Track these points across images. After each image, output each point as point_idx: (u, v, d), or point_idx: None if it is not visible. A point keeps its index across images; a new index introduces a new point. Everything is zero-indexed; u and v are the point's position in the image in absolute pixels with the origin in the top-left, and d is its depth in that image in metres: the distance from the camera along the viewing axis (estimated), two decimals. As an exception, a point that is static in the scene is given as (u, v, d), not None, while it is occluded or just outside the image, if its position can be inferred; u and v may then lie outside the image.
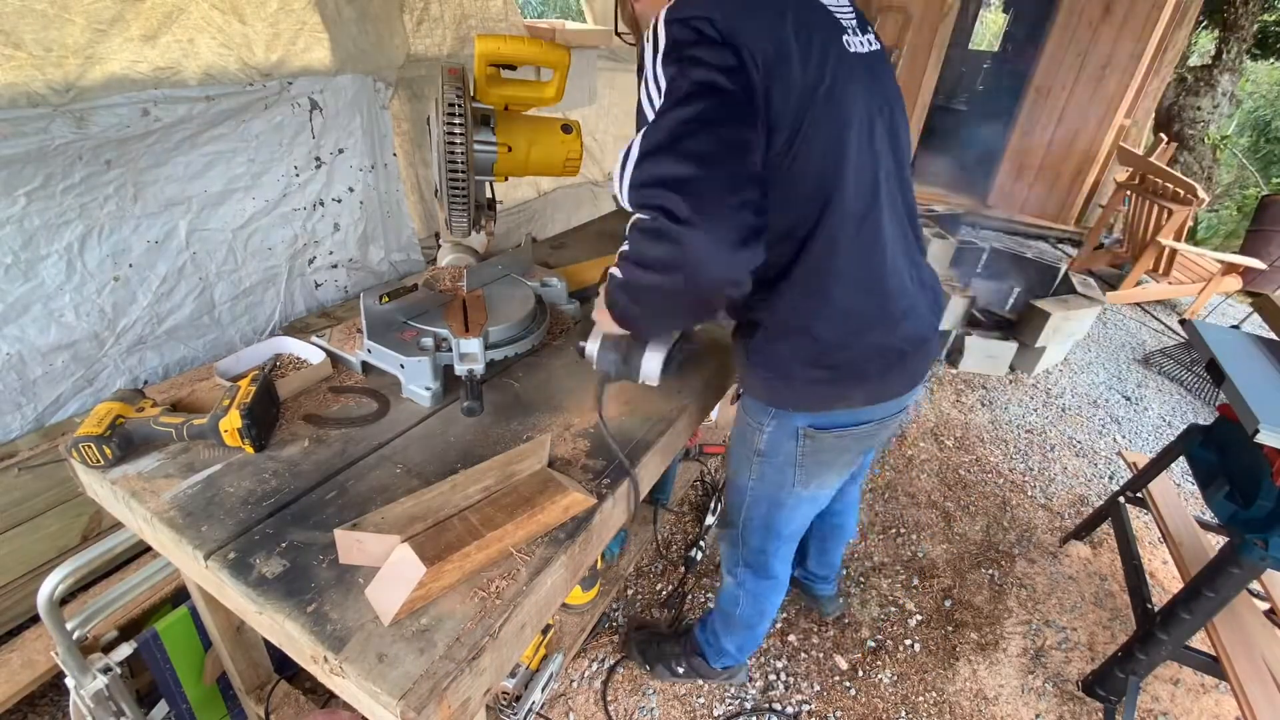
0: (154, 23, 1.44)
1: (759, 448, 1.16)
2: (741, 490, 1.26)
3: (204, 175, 1.62)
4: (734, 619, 1.50)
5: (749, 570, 1.40)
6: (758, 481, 1.21)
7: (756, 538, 1.32)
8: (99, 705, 1.07)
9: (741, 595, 1.44)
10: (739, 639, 1.55)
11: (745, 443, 1.19)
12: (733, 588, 1.46)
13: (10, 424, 1.43)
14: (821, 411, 1.07)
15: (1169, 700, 1.82)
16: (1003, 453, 2.79)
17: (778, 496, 1.22)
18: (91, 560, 0.97)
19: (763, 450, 1.16)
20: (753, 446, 1.17)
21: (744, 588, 1.43)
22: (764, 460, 1.17)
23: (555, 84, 1.25)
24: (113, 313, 1.53)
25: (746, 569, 1.40)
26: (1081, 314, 3.23)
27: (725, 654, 1.60)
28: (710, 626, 1.59)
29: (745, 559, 1.38)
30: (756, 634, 1.56)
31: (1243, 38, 5.90)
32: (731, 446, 1.28)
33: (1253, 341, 1.72)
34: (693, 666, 1.65)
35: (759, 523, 1.29)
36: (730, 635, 1.55)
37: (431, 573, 0.70)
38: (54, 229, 1.39)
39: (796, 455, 1.13)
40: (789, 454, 1.13)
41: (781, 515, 1.26)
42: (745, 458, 1.20)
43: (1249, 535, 1.39)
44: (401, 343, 1.08)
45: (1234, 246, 5.05)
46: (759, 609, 1.47)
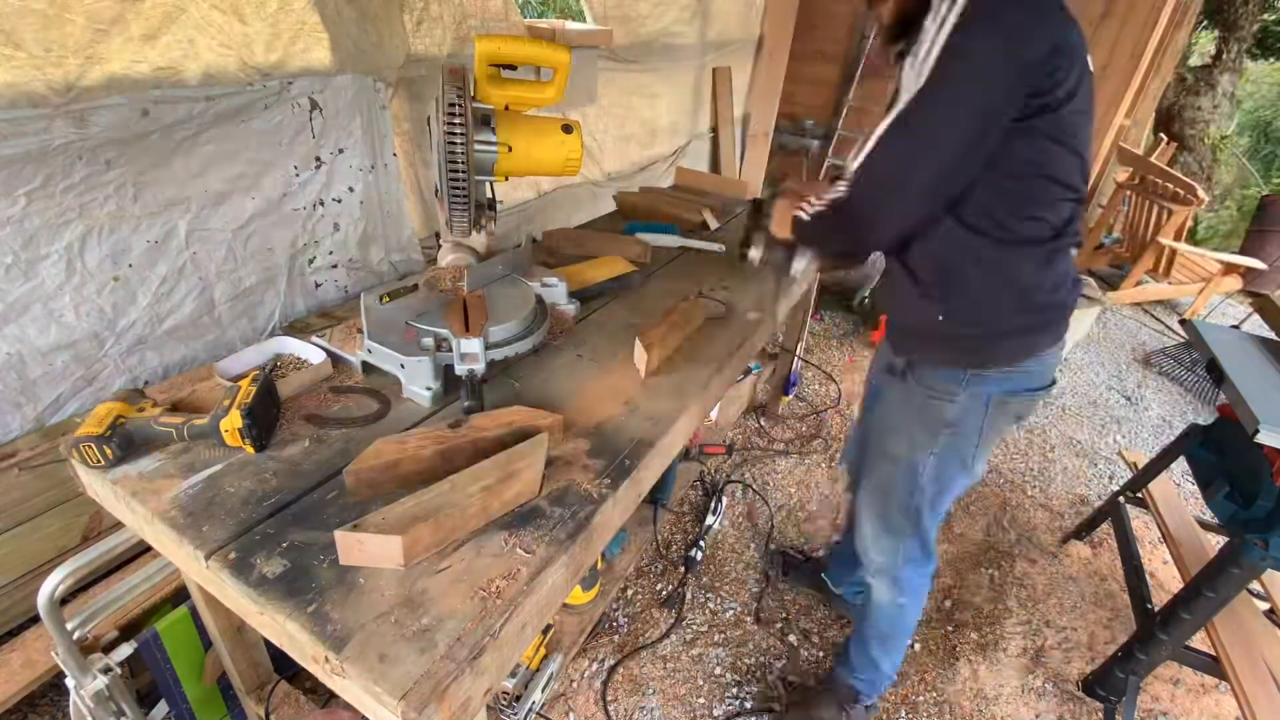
0: (154, 23, 1.44)
1: (947, 418, 1.14)
2: (913, 472, 1.20)
3: (204, 175, 1.62)
4: (894, 633, 1.42)
5: (911, 565, 1.32)
6: (937, 459, 1.18)
7: (926, 521, 1.26)
8: (99, 705, 1.07)
9: (906, 601, 1.36)
10: (896, 654, 1.47)
11: (926, 418, 1.16)
12: (893, 599, 1.36)
13: (10, 424, 1.43)
14: (1014, 366, 1.09)
15: (1169, 700, 1.82)
16: (1003, 453, 2.79)
17: (953, 474, 1.19)
18: (92, 560, 0.97)
19: (951, 421, 1.14)
20: (939, 419, 1.15)
21: (908, 589, 1.35)
22: (952, 433, 1.15)
23: (555, 84, 1.25)
24: (112, 313, 1.53)
25: (909, 566, 1.32)
26: (1081, 314, 3.23)
27: (879, 683, 1.52)
28: (863, 659, 1.49)
29: (910, 554, 1.30)
30: (908, 638, 1.48)
31: (1243, 38, 5.90)
32: (899, 431, 1.22)
33: (1253, 341, 1.72)
34: (852, 717, 1.53)
35: (929, 504, 1.24)
36: (889, 654, 1.46)
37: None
38: (54, 229, 1.39)
39: (983, 425, 1.14)
40: (976, 425, 1.13)
41: (947, 496, 1.24)
42: (925, 433, 1.17)
43: (1249, 535, 1.39)
44: (402, 343, 1.08)
45: (1234, 246, 5.05)
46: (918, 604, 1.40)
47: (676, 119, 3.95)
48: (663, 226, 1.89)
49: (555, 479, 0.93)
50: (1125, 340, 3.97)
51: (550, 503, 0.89)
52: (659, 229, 1.88)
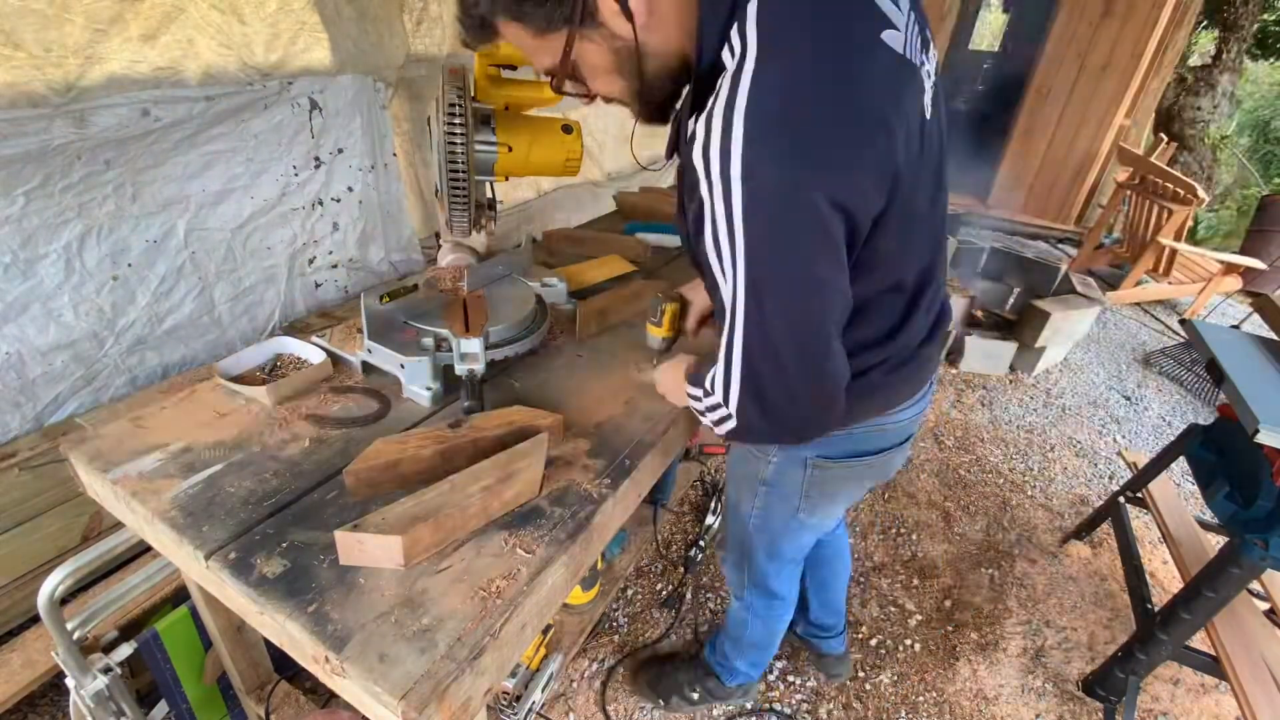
0: (153, 23, 1.44)
1: (764, 477, 1.13)
2: (744, 519, 1.22)
3: (202, 175, 1.63)
4: (743, 640, 1.48)
5: (756, 591, 1.37)
6: (762, 511, 1.19)
7: (761, 562, 1.30)
8: (99, 705, 1.07)
9: (750, 618, 1.43)
10: (750, 657, 1.54)
11: (749, 472, 1.16)
12: (740, 610, 1.44)
13: (10, 424, 1.43)
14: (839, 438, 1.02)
15: (1169, 700, 1.82)
16: (1003, 453, 2.79)
17: (783, 525, 1.20)
18: (92, 560, 0.97)
19: (769, 480, 1.13)
20: (757, 476, 1.14)
21: (752, 610, 1.41)
22: (769, 490, 1.14)
23: (556, 84, 1.24)
24: (112, 312, 1.54)
25: (754, 590, 1.38)
26: (1081, 314, 3.23)
27: (738, 672, 1.58)
28: (720, 648, 1.57)
29: (752, 581, 1.36)
30: (768, 653, 1.55)
31: (1243, 38, 5.90)
32: (731, 475, 1.25)
33: (1253, 341, 1.72)
34: (708, 690, 1.62)
35: (763, 549, 1.27)
36: (741, 656, 1.53)
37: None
38: (53, 228, 1.39)
39: (804, 486, 1.10)
40: (796, 484, 1.10)
41: (785, 542, 1.25)
42: (749, 487, 1.17)
43: (1249, 535, 1.39)
44: (402, 343, 1.08)
45: (1234, 246, 5.05)
46: (769, 630, 1.46)
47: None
48: (663, 226, 1.89)
49: (555, 479, 0.93)
50: (1125, 340, 3.97)
51: (550, 503, 0.89)
52: (659, 229, 1.88)
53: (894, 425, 1.03)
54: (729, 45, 0.66)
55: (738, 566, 1.36)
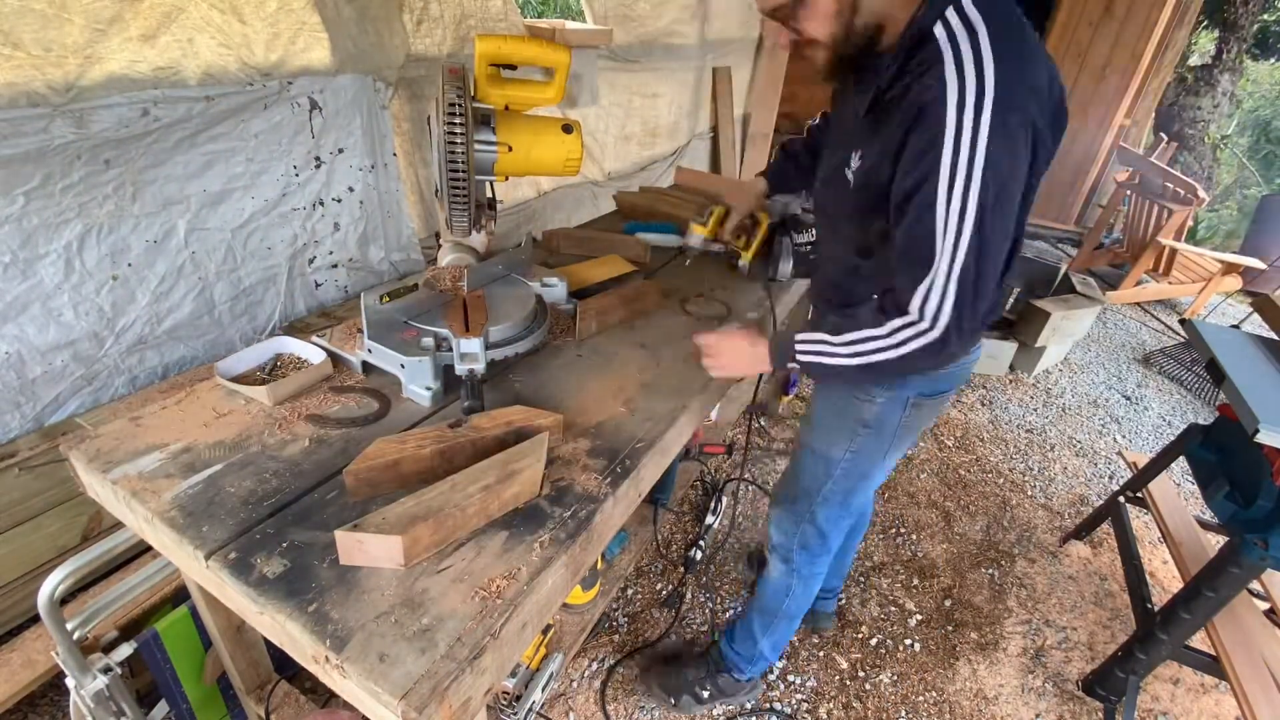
0: (153, 22, 1.44)
1: (865, 419, 1.18)
2: (831, 464, 1.25)
3: (203, 175, 1.62)
4: (779, 613, 1.48)
5: (806, 552, 1.39)
6: (855, 455, 1.23)
7: (831, 512, 1.33)
8: (99, 705, 1.07)
9: (795, 582, 1.43)
10: (777, 635, 1.53)
11: (846, 416, 1.20)
12: (783, 577, 1.44)
13: (10, 424, 1.43)
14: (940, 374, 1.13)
15: (1169, 700, 1.82)
16: (1003, 452, 2.79)
17: (867, 469, 1.25)
18: (92, 560, 0.97)
19: (869, 422, 1.18)
20: (858, 419, 1.18)
21: (798, 573, 1.42)
22: (868, 433, 1.19)
23: (556, 84, 1.25)
24: (112, 312, 1.53)
25: (803, 551, 1.39)
26: (1081, 314, 3.23)
27: (756, 660, 1.57)
28: (744, 633, 1.57)
29: (805, 540, 1.37)
30: (793, 627, 1.55)
31: (1243, 38, 5.90)
32: (821, 423, 1.27)
33: (1253, 341, 1.72)
34: (719, 687, 1.61)
35: (839, 497, 1.30)
36: (769, 633, 1.52)
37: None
38: (53, 228, 1.39)
39: (899, 424, 1.17)
40: (894, 424, 1.17)
41: (863, 488, 1.29)
42: (844, 431, 1.21)
43: (1249, 535, 1.39)
44: (402, 342, 1.08)
45: (1234, 246, 5.06)
46: (808, 593, 1.47)
47: (677, 119, 3.95)
48: (663, 226, 1.89)
49: (555, 479, 0.93)
50: (1125, 340, 3.97)
51: (550, 503, 0.89)
52: (659, 229, 1.87)
53: (962, 368, 1.17)
54: (944, 22, 0.84)
55: (796, 521, 1.37)
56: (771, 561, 1.47)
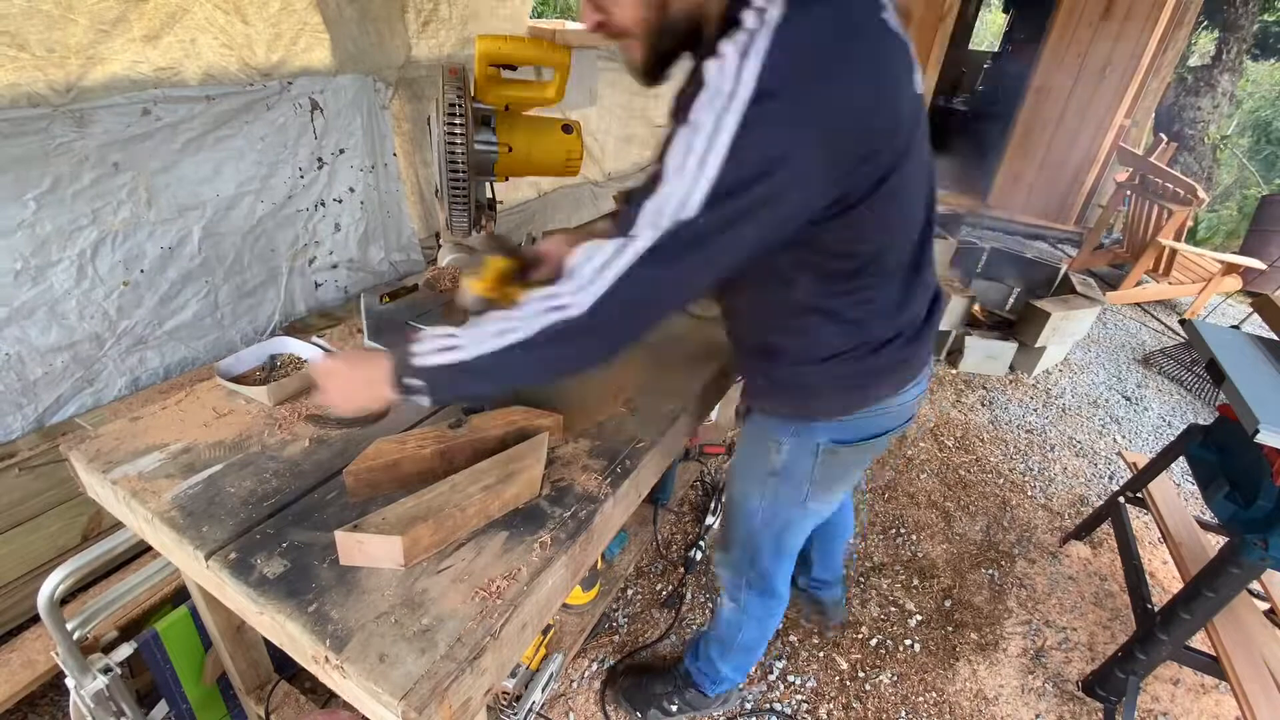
0: (157, 23, 1.44)
1: (774, 467, 1.12)
2: (752, 514, 1.21)
3: (215, 178, 1.63)
4: (734, 644, 1.46)
5: (753, 592, 1.36)
6: (771, 503, 1.18)
7: (765, 560, 1.29)
8: (99, 705, 1.07)
9: (745, 620, 1.40)
10: (737, 661, 1.51)
11: (758, 463, 1.15)
12: (734, 613, 1.41)
13: (11, 424, 1.43)
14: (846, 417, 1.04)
15: (1169, 700, 1.82)
16: (1003, 453, 2.79)
17: (789, 516, 1.20)
18: (92, 560, 0.97)
19: (777, 470, 1.12)
20: (766, 468, 1.13)
21: (747, 612, 1.39)
22: (779, 480, 1.14)
23: (556, 84, 1.25)
24: (116, 315, 1.54)
25: (750, 591, 1.36)
26: (1081, 314, 3.23)
27: (722, 680, 1.54)
28: (705, 654, 1.53)
29: (750, 582, 1.34)
30: (755, 656, 1.53)
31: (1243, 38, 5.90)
32: (738, 470, 1.24)
33: (1253, 341, 1.72)
34: (687, 701, 1.58)
35: (769, 544, 1.26)
36: (727, 660, 1.50)
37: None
38: (66, 235, 1.39)
39: (813, 472, 1.10)
40: (805, 471, 1.10)
41: (790, 534, 1.24)
42: (755, 481, 1.17)
43: (1249, 535, 1.39)
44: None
45: (1234, 246, 5.06)
46: (762, 631, 1.44)
47: (677, 119, 3.94)
48: (663, 227, 1.89)
49: (555, 479, 0.93)
50: (1125, 340, 3.97)
51: (550, 503, 0.89)
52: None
53: (898, 407, 1.06)
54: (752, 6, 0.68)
55: (737, 568, 1.34)
56: (722, 598, 1.44)
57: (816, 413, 1.05)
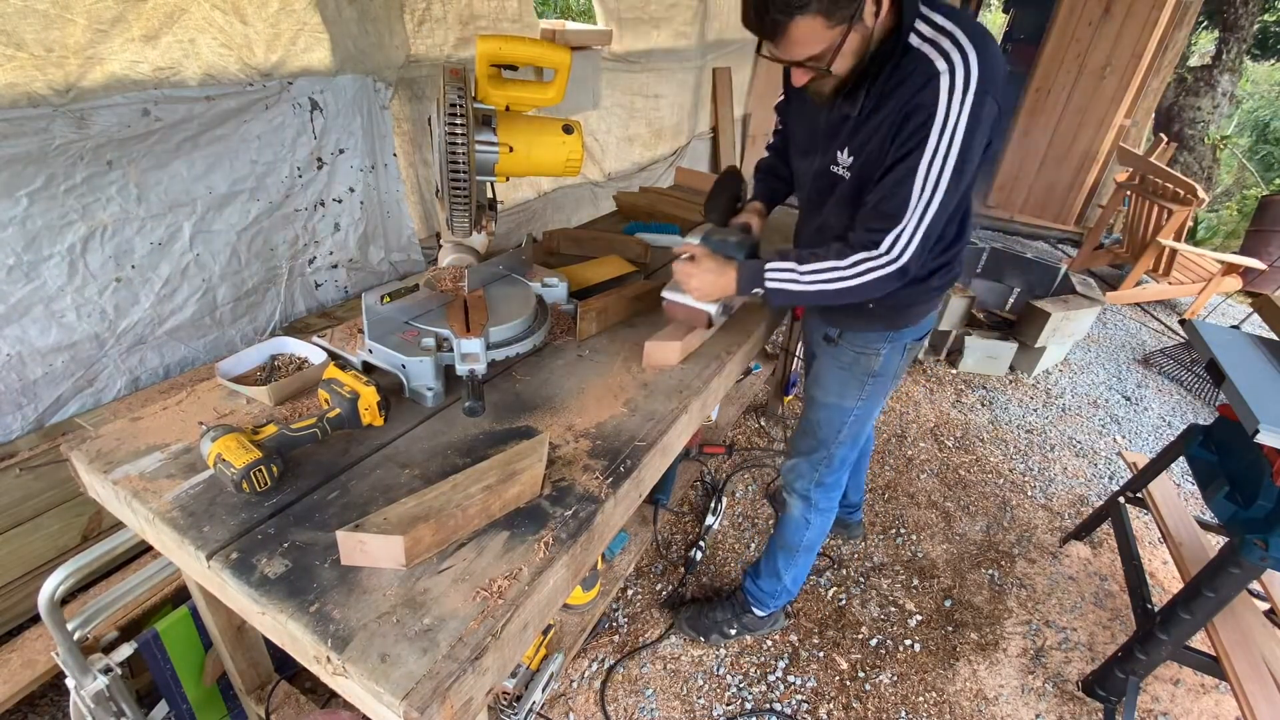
0: (155, 23, 1.44)
1: (874, 370, 1.38)
2: (845, 413, 1.44)
3: (208, 176, 1.63)
4: (799, 547, 1.65)
5: (822, 489, 1.57)
6: (866, 401, 1.42)
7: (845, 451, 1.51)
8: (99, 705, 1.07)
9: (813, 516, 1.61)
10: (798, 568, 1.70)
11: (855, 370, 1.39)
12: (802, 513, 1.62)
13: (11, 424, 1.43)
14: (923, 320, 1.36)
15: (1169, 700, 1.82)
16: (1003, 453, 2.79)
17: (873, 410, 1.46)
18: (92, 560, 0.97)
19: (877, 371, 1.38)
20: (866, 371, 1.38)
21: (816, 508, 1.60)
22: (876, 380, 1.39)
23: (556, 85, 1.25)
24: (114, 314, 1.54)
25: (820, 488, 1.57)
26: (1081, 314, 3.23)
27: (778, 594, 1.74)
28: (768, 569, 1.73)
29: (822, 479, 1.55)
30: (812, 558, 1.72)
31: (1243, 38, 5.90)
32: (833, 383, 1.43)
33: (1253, 341, 1.72)
34: (744, 625, 1.80)
35: (849, 439, 1.48)
36: (791, 566, 1.69)
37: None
38: (56, 230, 1.39)
39: (899, 367, 1.40)
40: (894, 368, 1.39)
41: (867, 426, 1.50)
42: (855, 383, 1.40)
43: (1249, 535, 1.39)
44: (403, 343, 1.08)
45: (1234, 246, 5.06)
46: (823, 526, 1.64)
47: (679, 119, 3.95)
48: (663, 226, 1.89)
49: (556, 479, 0.93)
50: (1125, 340, 3.97)
51: (551, 503, 0.89)
52: (659, 229, 1.88)
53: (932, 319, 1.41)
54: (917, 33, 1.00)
55: (813, 464, 1.55)
56: (791, 501, 1.64)
57: (904, 324, 1.34)
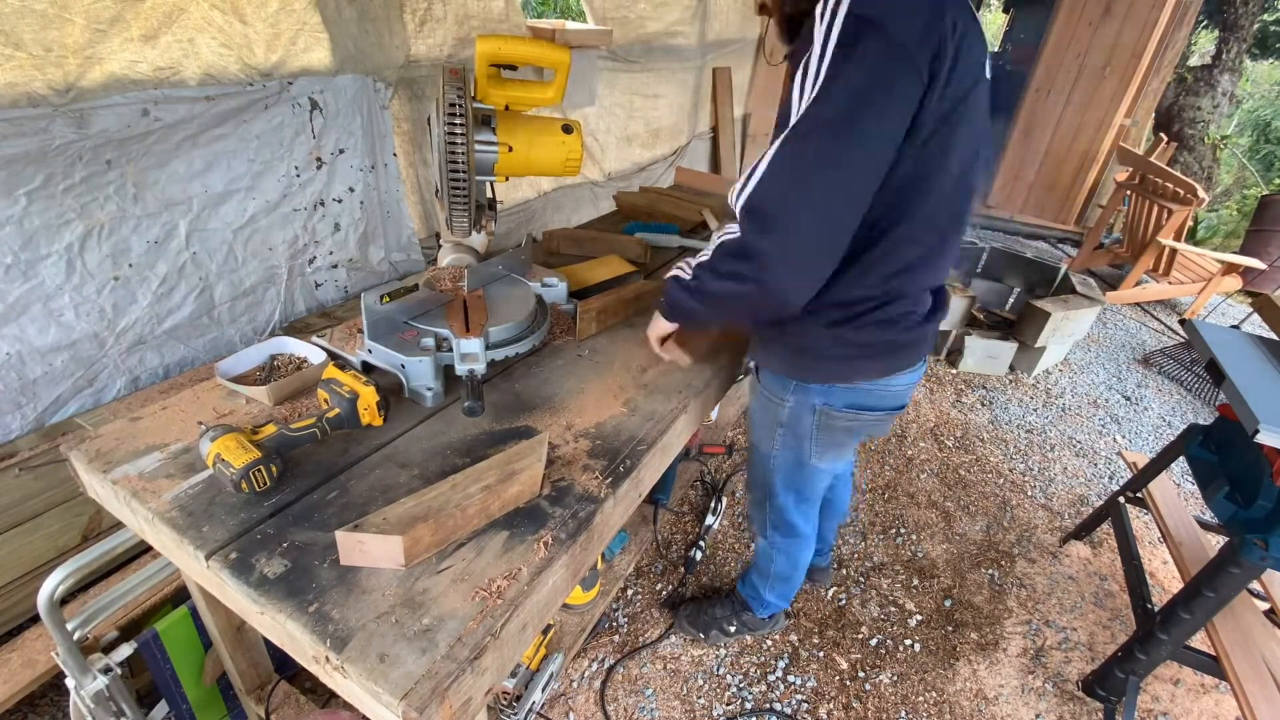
0: (154, 23, 1.44)
1: (780, 420, 1.27)
2: (767, 459, 1.37)
3: (204, 175, 1.63)
4: (770, 574, 1.64)
5: (775, 530, 1.53)
6: (781, 451, 1.33)
7: (780, 499, 1.43)
8: (99, 705, 1.07)
9: (775, 553, 1.59)
10: (778, 590, 1.69)
11: (767, 414, 1.30)
12: (766, 547, 1.60)
13: (10, 424, 1.43)
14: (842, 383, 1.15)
15: (1169, 700, 1.82)
16: (1003, 453, 2.79)
17: (797, 464, 1.35)
18: (92, 560, 0.97)
19: (784, 422, 1.27)
20: (775, 419, 1.28)
21: (775, 546, 1.57)
22: (786, 432, 1.29)
23: (556, 84, 1.25)
24: (113, 313, 1.54)
25: (772, 529, 1.53)
26: (1081, 314, 3.23)
27: (768, 604, 1.73)
28: (750, 581, 1.73)
29: (773, 521, 1.50)
30: (793, 583, 1.69)
31: (1243, 38, 5.90)
32: (754, 421, 1.38)
33: (1253, 341, 1.72)
34: (743, 623, 1.79)
35: (783, 486, 1.41)
36: (769, 588, 1.68)
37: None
38: (54, 229, 1.39)
39: (813, 430, 1.25)
40: (806, 428, 1.25)
41: (808, 481, 1.40)
42: (767, 429, 1.32)
43: (1249, 535, 1.39)
44: (402, 343, 1.08)
45: (1234, 246, 5.05)
46: (792, 563, 1.61)
47: (678, 119, 3.95)
48: (663, 226, 1.89)
49: (556, 479, 0.93)
50: (1125, 340, 3.97)
51: (551, 503, 0.89)
52: (659, 229, 1.88)
53: (893, 390, 1.18)
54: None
55: (760, 506, 1.51)
56: (755, 535, 1.63)
57: (817, 375, 1.15)
